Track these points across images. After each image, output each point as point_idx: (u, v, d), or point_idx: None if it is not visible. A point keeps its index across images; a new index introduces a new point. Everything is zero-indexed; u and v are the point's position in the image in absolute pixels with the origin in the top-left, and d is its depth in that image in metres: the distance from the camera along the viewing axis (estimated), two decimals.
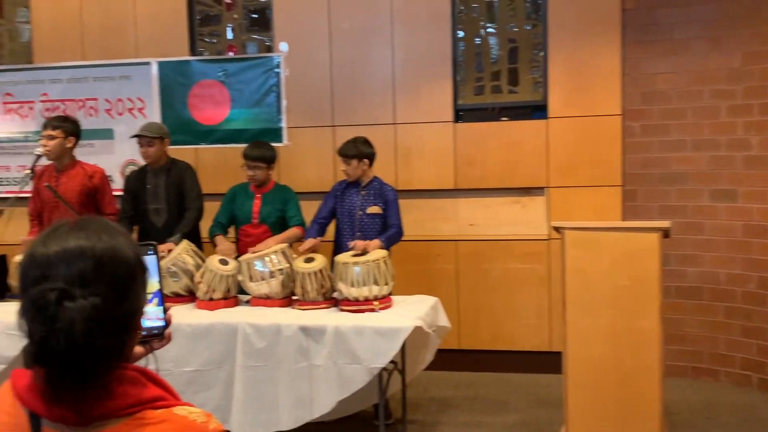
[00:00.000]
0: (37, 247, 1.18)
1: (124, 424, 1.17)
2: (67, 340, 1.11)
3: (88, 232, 1.19)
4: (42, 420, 1.18)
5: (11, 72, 6.40)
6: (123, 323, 1.19)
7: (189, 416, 1.21)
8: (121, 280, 1.19)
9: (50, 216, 5.02)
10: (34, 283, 1.14)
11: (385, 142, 5.79)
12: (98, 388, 1.16)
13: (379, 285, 4.19)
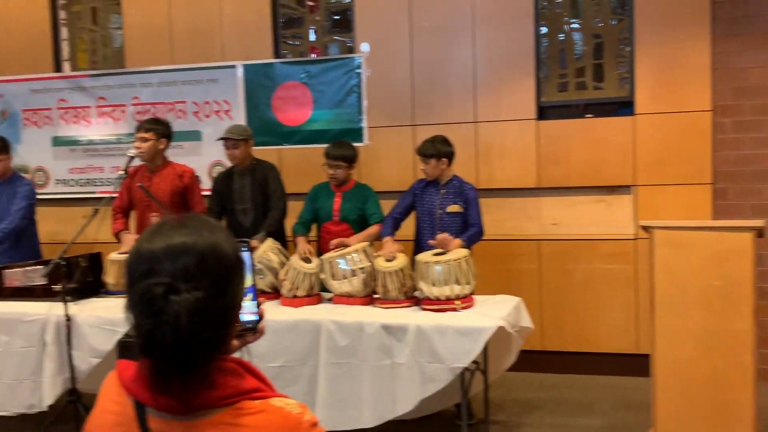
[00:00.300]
0: (143, 243, 1.24)
1: (224, 414, 1.21)
2: (173, 332, 1.16)
3: (191, 229, 1.24)
4: (147, 409, 1.23)
5: (105, 77, 6.65)
6: (224, 316, 1.23)
7: (285, 407, 1.24)
8: (222, 275, 1.23)
9: (142, 215, 5.20)
10: (141, 277, 1.20)
11: (466, 140, 5.76)
12: (201, 378, 1.20)
13: (460, 284, 4.17)
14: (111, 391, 1.31)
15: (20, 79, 6.82)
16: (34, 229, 5.61)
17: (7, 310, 4.62)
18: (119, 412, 1.27)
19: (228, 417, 1.21)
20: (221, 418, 1.21)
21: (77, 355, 4.44)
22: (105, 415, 1.30)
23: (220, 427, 1.20)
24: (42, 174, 6.83)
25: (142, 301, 1.17)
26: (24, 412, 4.59)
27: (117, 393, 1.29)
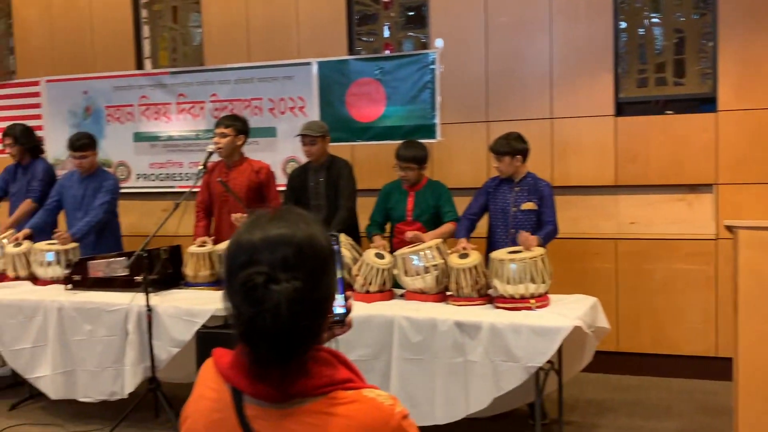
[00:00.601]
0: (242, 235, 1.27)
1: (319, 402, 1.24)
2: (274, 320, 1.19)
3: (288, 222, 1.28)
4: (244, 396, 1.27)
5: (184, 74, 6.82)
6: (320, 306, 1.27)
7: (377, 398, 1.26)
8: (318, 266, 1.26)
9: (220, 209, 5.31)
10: (241, 267, 1.23)
11: (542, 137, 5.69)
12: (297, 367, 1.23)
13: (536, 283, 4.12)
14: (208, 378, 1.35)
15: (104, 76, 7.04)
16: (117, 222, 5.80)
17: (90, 299, 4.78)
18: (216, 399, 1.30)
19: (322, 406, 1.23)
20: (316, 406, 1.24)
21: (157, 344, 4.57)
22: (202, 401, 1.34)
23: (315, 415, 1.23)
24: (124, 168, 7.05)
25: (243, 290, 1.20)
26: (106, 399, 4.75)
27: (214, 380, 1.32)
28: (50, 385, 4.81)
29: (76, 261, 5.13)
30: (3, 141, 5.97)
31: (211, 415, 1.31)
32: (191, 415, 1.36)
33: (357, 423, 1.23)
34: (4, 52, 7.63)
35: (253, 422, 1.26)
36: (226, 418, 1.28)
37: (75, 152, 5.56)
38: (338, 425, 1.22)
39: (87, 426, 4.85)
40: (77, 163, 5.61)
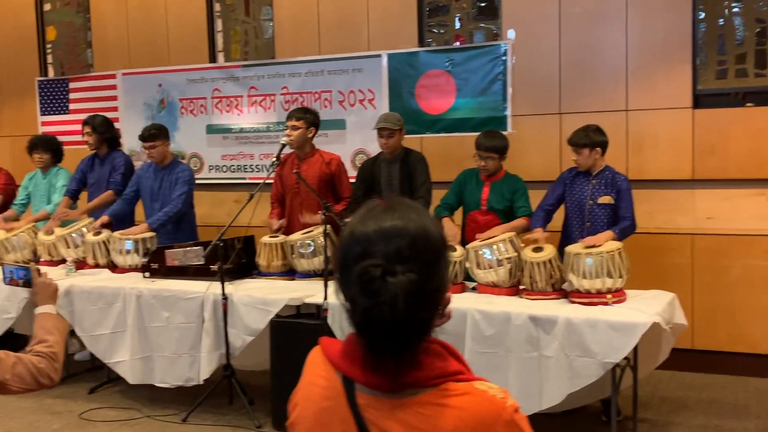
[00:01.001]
0: (356, 227, 1.28)
1: (431, 394, 1.24)
2: (391, 312, 1.19)
3: (400, 213, 1.27)
4: (355, 384, 1.28)
5: (256, 67, 6.91)
6: (434, 298, 1.26)
7: (489, 391, 1.26)
8: (431, 258, 1.25)
9: (291, 201, 5.38)
10: (356, 259, 1.24)
11: (616, 129, 5.58)
12: (411, 358, 1.24)
13: (612, 278, 4.05)
14: (318, 366, 1.36)
15: (178, 69, 7.19)
16: (193, 212, 5.92)
17: (168, 287, 4.90)
18: (327, 386, 1.32)
19: (434, 397, 1.24)
20: (428, 398, 1.24)
21: (232, 332, 4.66)
22: (313, 388, 1.36)
23: (427, 407, 1.23)
24: (196, 160, 7.19)
25: (360, 281, 1.21)
26: (181, 385, 4.86)
27: (323, 368, 1.34)
28: (129, 369, 4.95)
29: (153, 250, 5.26)
30: (82, 129, 6.14)
31: (322, 402, 1.33)
32: (300, 402, 1.38)
33: (469, 415, 1.22)
34: (82, 46, 7.86)
35: (364, 411, 1.27)
36: (337, 406, 1.29)
37: (145, 143, 5.69)
38: (451, 417, 1.22)
39: (163, 411, 4.97)
40: (147, 153, 5.75)
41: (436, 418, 1.22)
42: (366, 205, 1.32)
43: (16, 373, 2.40)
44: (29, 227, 5.88)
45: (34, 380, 2.43)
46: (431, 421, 1.23)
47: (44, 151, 6.31)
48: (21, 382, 2.40)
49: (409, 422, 1.23)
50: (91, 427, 4.77)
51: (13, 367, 2.40)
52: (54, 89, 7.84)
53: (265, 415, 4.74)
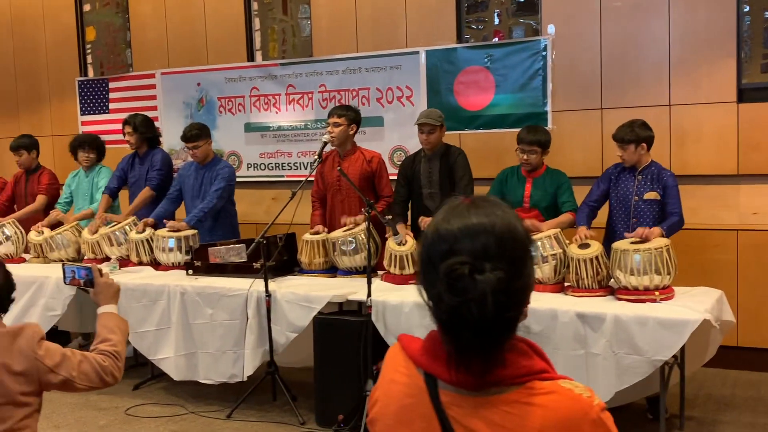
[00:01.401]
0: (440, 224, 1.27)
1: (516, 392, 1.23)
2: (479, 310, 1.18)
3: (485, 210, 1.26)
4: (438, 382, 1.27)
5: (293, 65, 6.94)
6: (522, 296, 1.25)
7: (574, 389, 1.24)
8: (518, 256, 1.24)
9: (332, 198, 5.39)
10: (442, 257, 1.23)
11: (658, 124, 5.48)
12: (497, 356, 1.23)
13: (660, 275, 4.01)
14: (398, 363, 1.36)
15: (216, 68, 7.24)
16: (233, 209, 5.96)
17: (211, 284, 4.94)
18: (408, 384, 1.32)
19: (520, 396, 1.23)
20: (513, 396, 1.23)
21: (276, 329, 4.68)
22: (394, 385, 1.35)
23: (513, 405, 1.22)
24: (235, 158, 7.24)
25: (447, 279, 1.20)
26: (225, 381, 4.90)
27: (404, 365, 1.34)
28: (173, 366, 5.01)
29: (196, 247, 5.30)
30: (123, 128, 6.20)
31: (403, 399, 1.32)
32: (381, 399, 1.38)
33: (555, 414, 1.21)
34: (121, 46, 7.94)
35: (447, 408, 1.26)
36: (419, 403, 1.29)
37: (187, 143, 5.73)
38: (537, 415, 1.21)
39: (207, 407, 5.01)
40: (191, 153, 5.80)
41: (522, 417, 1.22)
42: (448, 202, 1.31)
43: (82, 371, 2.44)
44: (73, 225, 5.96)
45: (99, 378, 2.47)
46: (517, 419, 1.22)
47: (91, 149, 6.40)
48: (86, 379, 2.45)
49: (495, 420, 1.23)
50: (136, 423, 4.83)
51: (79, 365, 2.44)
52: (94, 89, 7.94)
53: (309, 411, 4.76)
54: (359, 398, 4.38)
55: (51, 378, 2.41)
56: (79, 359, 2.47)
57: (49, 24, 8.18)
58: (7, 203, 6.66)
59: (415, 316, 4.29)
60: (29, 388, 2.39)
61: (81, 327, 6.13)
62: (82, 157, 6.39)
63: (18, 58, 8.41)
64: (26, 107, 8.40)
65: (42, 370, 2.39)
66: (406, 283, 4.70)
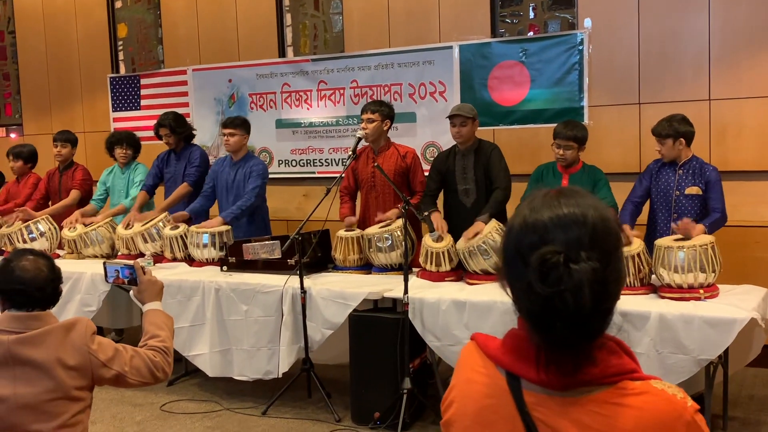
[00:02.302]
0: (528, 215, 1.23)
1: (607, 392, 1.18)
2: (575, 300, 1.13)
3: (576, 201, 1.22)
4: (522, 381, 1.23)
5: (325, 61, 6.90)
6: (615, 289, 1.22)
7: (667, 390, 1.19)
8: (611, 247, 1.20)
9: (366, 195, 5.36)
10: (531, 248, 1.19)
11: (698, 119, 5.38)
12: (588, 354, 1.18)
13: (705, 272, 3.93)
14: (474, 362, 1.32)
15: (248, 64, 7.23)
16: (265, 205, 5.95)
17: (246, 281, 4.92)
18: (488, 384, 1.28)
19: (611, 396, 1.18)
20: (603, 396, 1.18)
21: (311, 326, 4.66)
22: (472, 386, 1.31)
23: (603, 406, 1.18)
24: (266, 155, 7.23)
25: (540, 269, 1.16)
26: (260, 378, 4.88)
27: (483, 365, 1.30)
28: (207, 362, 5.00)
29: (230, 243, 5.30)
30: (158, 131, 6.18)
31: (483, 400, 1.28)
32: (458, 400, 1.34)
33: (649, 415, 1.17)
34: (153, 43, 7.97)
35: (532, 409, 1.21)
36: (501, 404, 1.25)
37: (225, 128, 5.72)
38: (629, 417, 1.17)
39: (241, 403, 5.00)
40: (225, 140, 5.77)
41: (613, 418, 1.17)
42: (533, 193, 1.27)
43: (133, 366, 2.46)
44: (107, 221, 5.98)
45: (150, 373, 2.49)
46: (608, 421, 1.17)
47: (128, 146, 6.41)
48: (138, 375, 2.47)
49: (584, 422, 1.18)
50: (172, 419, 4.83)
51: (131, 360, 2.46)
52: (126, 86, 7.97)
53: (344, 408, 4.74)
54: (396, 396, 4.34)
55: (104, 372, 2.43)
56: (131, 354, 2.49)
57: (81, 21, 8.22)
58: (41, 200, 6.69)
59: (453, 313, 4.25)
60: (83, 383, 2.42)
61: (113, 323, 6.15)
62: (119, 153, 6.41)
63: (50, 55, 8.46)
64: (58, 104, 8.46)
65: (95, 365, 2.41)
66: (442, 280, 4.65)
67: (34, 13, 8.55)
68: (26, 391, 2.34)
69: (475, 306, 4.21)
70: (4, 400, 2.34)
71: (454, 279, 4.68)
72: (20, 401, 2.34)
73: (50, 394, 2.35)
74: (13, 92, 9.04)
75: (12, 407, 2.34)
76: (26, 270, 2.44)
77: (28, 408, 2.34)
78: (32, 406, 2.34)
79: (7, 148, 7.04)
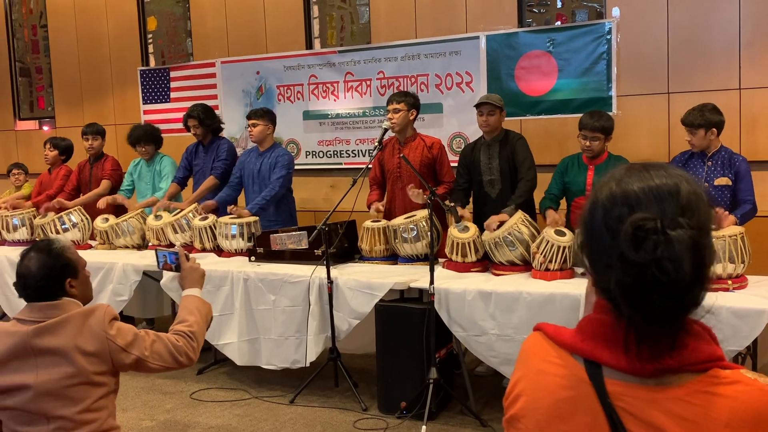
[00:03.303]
0: (614, 188, 1.16)
1: (697, 380, 1.12)
2: (675, 268, 1.07)
3: (667, 172, 1.16)
4: (604, 370, 1.16)
5: (352, 52, 6.93)
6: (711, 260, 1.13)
7: (759, 380, 1.12)
8: (705, 221, 1.13)
9: (393, 185, 5.38)
10: (621, 219, 1.12)
11: (728, 109, 5.32)
12: (674, 335, 1.12)
13: (734, 263, 3.89)
14: (547, 353, 1.24)
15: (275, 56, 7.28)
16: (292, 196, 6.00)
17: (273, 271, 4.97)
18: (565, 375, 1.20)
19: (703, 385, 1.11)
20: (695, 385, 1.11)
21: (338, 315, 4.70)
22: (545, 377, 1.23)
23: (696, 395, 1.11)
24: (293, 146, 7.28)
25: (633, 236, 1.09)
26: (287, 367, 4.94)
27: (557, 354, 1.22)
28: (236, 351, 5.06)
29: (258, 234, 5.35)
30: (186, 122, 6.25)
31: (559, 392, 1.19)
32: (528, 393, 1.25)
33: (745, 407, 1.10)
34: (182, 35, 8.04)
35: (617, 399, 1.14)
36: (582, 396, 1.16)
37: (250, 119, 5.78)
38: (724, 407, 1.10)
39: (269, 392, 5.06)
40: (249, 130, 5.83)
41: (707, 408, 1.10)
42: (615, 169, 1.21)
43: (154, 351, 2.49)
44: (138, 213, 6.07)
45: (172, 358, 2.52)
46: (702, 411, 1.10)
47: (147, 143, 6.48)
48: (160, 359, 2.50)
49: (676, 412, 1.11)
50: (201, 407, 4.91)
51: (152, 345, 2.49)
52: (155, 78, 8.06)
53: (371, 398, 4.77)
54: (422, 386, 4.37)
55: (123, 357, 2.47)
56: (153, 339, 2.53)
57: (112, 15, 8.33)
58: (73, 192, 6.80)
59: (479, 304, 4.25)
60: (103, 368, 2.46)
61: (144, 312, 6.25)
62: (140, 151, 6.49)
63: (81, 49, 8.59)
64: (90, 97, 8.58)
65: (114, 350, 2.46)
66: (468, 270, 4.66)
67: (65, 8, 8.67)
68: (48, 378, 2.40)
69: (501, 297, 4.22)
70: (28, 388, 2.40)
71: (480, 270, 4.69)
72: (43, 388, 2.40)
73: (71, 379, 2.41)
74: (45, 85, 9.19)
75: (36, 394, 2.40)
76: (23, 265, 2.53)
77: (51, 394, 2.40)
78: (55, 392, 2.40)
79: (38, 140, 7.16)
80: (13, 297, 5.99)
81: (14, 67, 9.42)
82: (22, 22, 9.32)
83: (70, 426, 2.40)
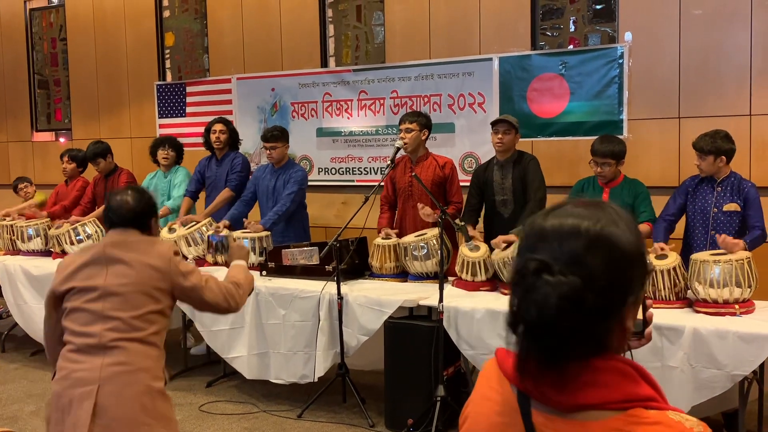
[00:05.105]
0: (536, 219, 1.20)
1: (616, 419, 1.12)
2: (538, 313, 1.10)
3: (590, 213, 1.16)
4: (532, 401, 1.19)
5: (366, 71, 7.01)
6: (603, 310, 1.13)
7: (684, 423, 1.12)
8: (610, 268, 1.12)
9: (404, 204, 5.42)
10: (523, 251, 1.18)
11: (739, 134, 5.33)
12: (579, 374, 1.13)
13: (741, 287, 3.92)
14: (491, 378, 1.29)
15: (290, 74, 7.38)
16: (305, 212, 6.06)
17: (284, 285, 5.03)
18: (500, 402, 1.24)
19: (620, 423, 1.11)
20: (613, 423, 1.12)
21: (347, 331, 4.74)
22: (485, 402, 1.28)
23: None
24: (306, 162, 7.35)
25: (517, 274, 1.15)
26: (296, 382, 4.98)
27: (497, 382, 1.26)
28: (245, 365, 5.11)
29: (270, 249, 5.41)
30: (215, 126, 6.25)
31: (494, 417, 1.25)
32: (471, 416, 1.31)
33: None
34: (199, 51, 8.16)
35: (540, 430, 1.17)
36: (512, 424, 1.21)
37: (266, 143, 5.86)
38: None
39: (278, 406, 5.10)
40: (267, 153, 5.91)
41: None
42: (566, 200, 1.24)
43: (209, 285, 2.90)
44: None
45: (223, 296, 2.92)
46: None
47: (170, 148, 6.58)
48: (212, 294, 2.90)
49: None
50: (210, 419, 4.95)
51: (207, 280, 2.91)
52: (172, 93, 8.17)
53: (378, 414, 4.80)
54: (429, 403, 4.40)
55: (181, 281, 2.82)
56: (207, 276, 2.94)
57: (130, 30, 8.46)
58: (88, 204, 6.89)
59: (487, 323, 4.29)
60: (163, 285, 2.80)
61: None
62: (161, 154, 6.58)
63: (100, 63, 8.72)
64: (107, 110, 8.70)
65: (174, 272, 2.81)
66: (477, 289, 4.70)
67: (85, 22, 8.82)
68: (113, 282, 2.77)
69: None
70: (96, 288, 2.77)
71: (489, 289, 4.73)
72: (108, 290, 2.76)
73: (132, 286, 2.76)
74: (63, 98, 9.32)
75: (101, 294, 2.76)
76: (119, 199, 2.92)
77: (113, 295, 2.75)
78: (117, 293, 2.75)
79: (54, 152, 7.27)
80: (26, 306, 6.08)
81: (33, 79, 9.57)
82: (42, 35, 9.47)
83: (122, 327, 2.72)
